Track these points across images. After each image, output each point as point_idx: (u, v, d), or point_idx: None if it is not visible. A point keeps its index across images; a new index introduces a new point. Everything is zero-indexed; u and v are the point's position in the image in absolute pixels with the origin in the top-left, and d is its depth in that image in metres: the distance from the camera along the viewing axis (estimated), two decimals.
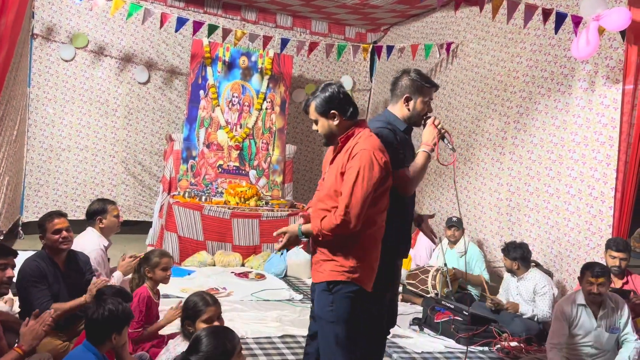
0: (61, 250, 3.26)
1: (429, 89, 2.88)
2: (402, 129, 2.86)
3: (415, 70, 2.91)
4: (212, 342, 2.08)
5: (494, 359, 4.03)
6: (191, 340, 2.17)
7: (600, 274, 3.46)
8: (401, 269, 3.03)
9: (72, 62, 7.22)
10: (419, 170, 2.74)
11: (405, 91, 2.86)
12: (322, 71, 8.60)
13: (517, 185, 5.61)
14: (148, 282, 3.38)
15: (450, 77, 6.80)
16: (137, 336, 3.20)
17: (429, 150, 2.78)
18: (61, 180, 7.32)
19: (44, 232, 3.23)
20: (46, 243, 3.24)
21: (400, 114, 2.89)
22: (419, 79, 2.85)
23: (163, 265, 3.40)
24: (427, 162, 2.78)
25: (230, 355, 2.09)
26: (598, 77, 4.76)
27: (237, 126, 7.29)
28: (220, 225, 6.41)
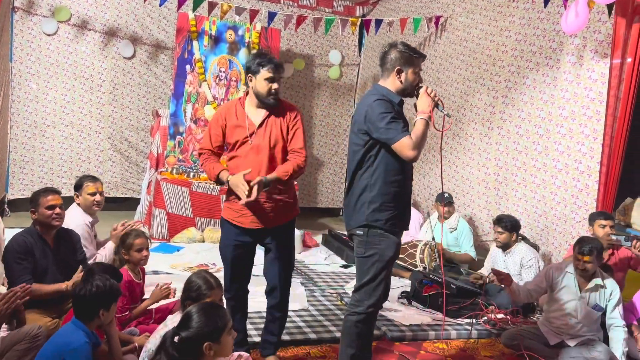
0: (52, 227, 3.24)
1: (418, 59, 2.91)
2: (397, 101, 2.87)
3: (402, 42, 2.92)
4: (202, 319, 2.10)
5: (481, 331, 4.09)
6: (182, 316, 2.18)
7: (587, 252, 3.50)
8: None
9: (54, 37, 7.08)
10: (421, 136, 2.75)
11: (395, 64, 2.86)
12: (311, 45, 8.51)
13: (504, 159, 5.64)
14: (127, 265, 3.36)
15: (439, 52, 6.77)
16: (125, 319, 3.20)
17: (427, 117, 2.80)
18: (46, 157, 7.23)
19: (37, 207, 3.19)
20: (37, 218, 3.21)
21: (393, 87, 2.89)
22: (407, 51, 2.87)
23: (137, 247, 3.36)
24: (427, 129, 2.79)
25: (220, 331, 2.11)
26: (586, 51, 4.75)
27: (224, 101, 7.21)
28: (208, 201, 6.39)
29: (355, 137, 2.88)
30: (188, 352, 2.07)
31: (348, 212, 2.94)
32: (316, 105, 8.71)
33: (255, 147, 3.03)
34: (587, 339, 3.61)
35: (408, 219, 2.99)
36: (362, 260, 2.86)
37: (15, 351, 2.54)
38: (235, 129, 3.06)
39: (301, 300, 4.48)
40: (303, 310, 4.26)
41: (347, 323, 2.89)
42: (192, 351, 2.07)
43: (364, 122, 2.81)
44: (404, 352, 3.62)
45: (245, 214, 3.04)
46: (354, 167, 2.88)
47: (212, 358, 2.08)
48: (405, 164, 2.85)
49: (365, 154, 2.82)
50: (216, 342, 2.08)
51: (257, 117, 3.08)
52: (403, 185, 2.87)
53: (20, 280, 3.02)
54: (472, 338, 4.01)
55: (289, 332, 3.73)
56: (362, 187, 2.83)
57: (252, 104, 3.11)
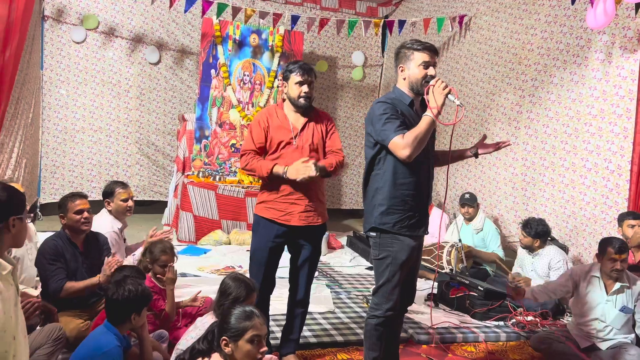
0: (81, 231, 3.31)
1: (421, 52, 2.77)
2: (407, 102, 2.81)
3: (410, 39, 2.88)
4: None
5: (510, 333, 4.04)
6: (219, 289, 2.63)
7: (624, 249, 3.42)
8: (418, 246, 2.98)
9: (83, 44, 7.23)
10: (418, 135, 2.63)
11: (397, 63, 2.86)
12: (334, 47, 8.52)
13: (532, 159, 5.56)
14: (151, 273, 3.40)
15: (464, 51, 6.71)
16: (167, 318, 3.27)
17: (433, 114, 2.64)
18: (76, 161, 7.39)
19: (65, 212, 3.27)
20: (66, 223, 3.29)
21: (404, 87, 2.85)
22: (404, 45, 2.83)
23: (162, 263, 3.39)
24: (430, 127, 2.65)
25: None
26: (615, 48, 4.66)
27: (249, 105, 7.27)
28: (234, 204, 6.46)
29: (366, 140, 2.90)
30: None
31: (365, 214, 2.95)
32: (339, 106, 8.71)
33: (299, 148, 3.14)
34: (619, 342, 3.53)
35: (423, 222, 2.92)
36: (376, 263, 2.86)
37: (39, 356, 2.58)
38: (278, 129, 3.16)
39: (327, 302, 4.48)
40: (329, 312, 4.26)
41: (367, 327, 2.89)
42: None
43: (367, 125, 2.83)
44: (431, 355, 3.60)
45: (292, 212, 3.11)
46: (367, 169, 2.88)
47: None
48: (418, 165, 2.78)
49: (375, 156, 2.81)
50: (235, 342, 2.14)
51: (298, 122, 3.20)
52: (414, 188, 2.80)
53: (55, 279, 3.10)
54: (500, 341, 3.96)
55: (316, 335, 3.74)
56: (374, 190, 2.82)
57: (290, 109, 3.23)
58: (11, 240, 1.83)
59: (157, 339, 3.07)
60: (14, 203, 1.83)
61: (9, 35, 4.88)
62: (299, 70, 3.12)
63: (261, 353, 2.18)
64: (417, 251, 2.93)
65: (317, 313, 4.19)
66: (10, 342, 1.76)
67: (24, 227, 1.88)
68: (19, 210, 1.84)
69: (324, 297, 4.63)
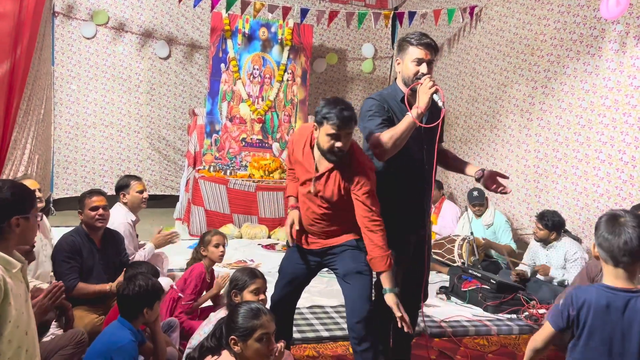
0: (97, 228, 3.34)
1: (412, 47, 2.65)
2: (399, 98, 2.72)
3: (412, 32, 2.80)
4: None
5: (522, 326, 4.03)
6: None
7: None
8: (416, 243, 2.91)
9: (93, 40, 7.25)
10: (394, 135, 2.53)
11: (396, 55, 2.81)
12: (343, 40, 8.48)
13: (544, 151, 5.51)
14: (205, 261, 3.52)
15: (475, 42, 6.64)
16: (189, 308, 3.34)
17: (415, 114, 2.50)
18: (88, 157, 7.44)
19: (82, 208, 3.31)
20: (83, 219, 3.32)
21: (400, 81, 2.77)
22: (404, 37, 2.72)
23: (215, 242, 3.54)
24: (409, 127, 2.52)
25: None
26: (629, 38, 4.59)
27: (259, 99, 7.27)
28: (245, 198, 6.47)
29: None
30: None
31: None
32: (349, 99, 8.68)
33: (312, 195, 2.77)
34: None
35: (417, 221, 2.87)
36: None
37: (61, 356, 2.62)
38: (299, 165, 2.83)
39: (339, 296, 4.47)
40: (341, 306, 4.26)
41: None
42: None
43: (358, 122, 2.75)
44: (444, 349, 3.59)
45: None
46: None
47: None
48: (408, 162, 2.73)
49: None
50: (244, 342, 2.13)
51: (321, 165, 2.73)
52: (405, 185, 2.78)
53: (67, 278, 3.12)
54: (513, 334, 3.95)
55: (328, 329, 3.75)
56: None
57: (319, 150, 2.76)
58: (17, 238, 1.83)
59: (166, 328, 3.08)
60: (18, 202, 1.82)
61: (20, 32, 4.91)
62: (335, 120, 2.51)
63: (271, 351, 2.17)
64: (416, 247, 2.90)
65: (329, 307, 4.20)
66: (23, 338, 1.79)
67: (30, 226, 1.88)
68: (24, 209, 1.84)
69: (336, 290, 4.60)
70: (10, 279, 1.74)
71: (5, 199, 1.79)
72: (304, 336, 3.58)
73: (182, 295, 3.32)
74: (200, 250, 3.57)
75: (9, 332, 1.72)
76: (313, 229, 2.85)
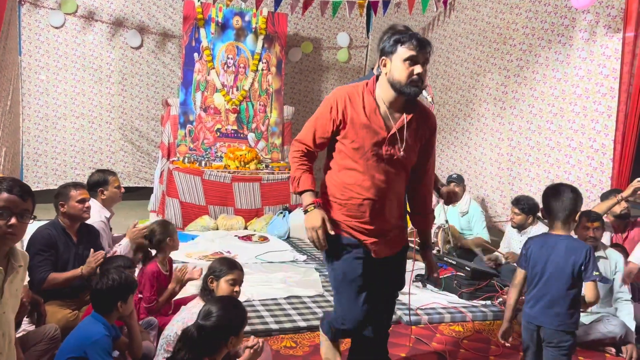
0: (82, 219, 3.28)
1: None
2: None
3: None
4: (224, 315, 2.18)
5: (497, 312, 4.09)
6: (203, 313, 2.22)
7: (596, 217, 3.53)
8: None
9: (62, 29, 7.08)
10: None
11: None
12: (318, 28, 8.44)
13: (517, 139, 5.58)
14: (159, 256, 3.40)
15: (449, 31, 6.68)
16: (154, 309, 3.25)
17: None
18: (59, 149, 7.29)
19: (67, 200, 3.22)
20: (67, 212, 3.23)
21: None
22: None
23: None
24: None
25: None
26: (599, 27, 4.66)
27: (233, 89, 7.20)
28: (221, 189, 6.42)
29: None
30: (206, 346, 2.12)
31: None
32: (325, 89, 8.66)
33: (392, 161, 2.34)
34: (600, 316, 3.60)
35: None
36: None
37: (35, 352, 2.59)
38: (361, 129, 2.30)
39: (316, 286, 4.50)
40: (319, 296, 4.28)
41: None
42: (211, 345, 2.13)
43: None
44: (420, 336, 3.63)
45: None
46: None
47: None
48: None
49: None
50: (236, 337, 2.13)
51: (395, 118, 2.33)
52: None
53: (39, 270, 3.05)
54: (487, 320, 4.01)
55: (305, 319, 3.75)
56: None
57: (385, 97, 2.34)
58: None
59: (146, 327, 3.05)
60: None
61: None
62: (412, 39, 2.21)
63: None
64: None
65: (306, 297, 4.20)
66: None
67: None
68: None
69: (313, 280, 4.65)
70: None
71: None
72: (282, 327, 3.58)
73: (142, 297, 3.25)
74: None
75: None
76: (381, 223, 2.40)
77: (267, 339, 3.37)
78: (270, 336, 3.45)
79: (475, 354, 3.42)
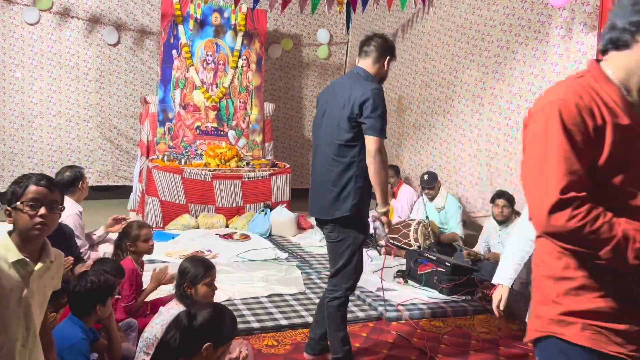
0: None
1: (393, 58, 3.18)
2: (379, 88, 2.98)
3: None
4: (218, 320, 2.12)
5: (476, 307, 4.14)
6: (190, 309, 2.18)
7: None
8: None
9: (37, 25, 6.96)
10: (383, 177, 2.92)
11: (385, 54, 3.08)
12: (298, 25, 8.41)
13: (496, 135, 5.64)
14: (132, 255, 3.34)
15: (427, 28, 6.70)
16: (132, 308, 3.21)
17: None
18: (36, 147, 7.17)
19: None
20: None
21: (373, 71, 3.03)
22: (391, 46, 3.15)
23: (144, 237, 3.35)
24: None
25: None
26: (575, 24, 4.72)
27: (212, 86, 7.15)
28: (202, 187, 6.38)
29: (344, 122, 2.84)
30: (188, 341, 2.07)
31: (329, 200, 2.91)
32: (305, 85, 8.64)
33: None
34: None
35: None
36: (336, 245, 2.94)
37: None
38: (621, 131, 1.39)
39: (298, 284, 4.50)
40: (300, 293, 4.28)
41: (330, 309, 2.95)
42: (191, 343, 2.07)
43: (358, 107, 2.78)
44: (401, 332, 3.66)
45: None
46: (336, 152, 2.88)
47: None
48: None
49: (351, 140, 2.83)
50: (215, 349, 2.06)
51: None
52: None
53: None
54: (467, 314, 4.05)
55: (287, 317, 3.75)
56: (348, 178, 2.87)
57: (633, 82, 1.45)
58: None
59: (126, 328, 3.02)
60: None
61: None
62: None
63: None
64: None
65: (287, 295, 4.20)
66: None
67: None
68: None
69: (295, 278, 4.65)
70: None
71: None
72: (263, 325, 3.58)
73: (120, 297, 3.21)
74: (127, 245, 3.34)
75: None
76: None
77: (249, 337, 3.36)
78: (251, 335, 3.44)
79: (455, 349, 3.45)
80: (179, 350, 2.05)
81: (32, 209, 1.75)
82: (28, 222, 1.74)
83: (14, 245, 1.72)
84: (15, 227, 1.76)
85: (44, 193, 1.79)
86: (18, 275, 1.71)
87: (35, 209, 1.75)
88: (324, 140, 2.96)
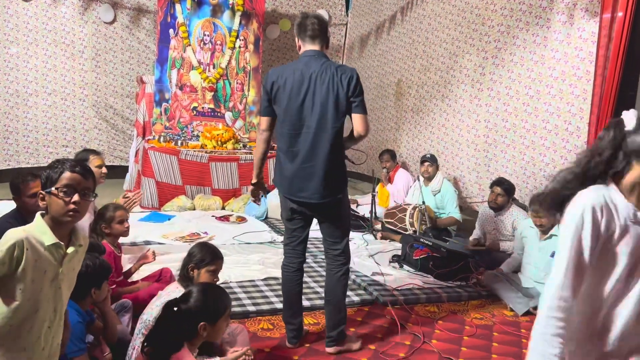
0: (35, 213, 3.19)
1: None
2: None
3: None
4: (203, 298, 2.19)
5: (471, 292, 4.16)
6: (184, 292, 2.26)
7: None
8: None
9: (31, 2, 6.86)
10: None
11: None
12: (297, 5, 8.31)
13: (494, 121, 5.62)
14: (107, 238, 3.30)
15: (427, 11, 6.63)
16: (115, 293, 3.19)
17: None
18: (31, 126, 7.11)
19: (19, 194, 3.13)
20: (21, 206, 3.16)
21: None
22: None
23: (118, 219, 3.31)
24: None
25: (219, 315, 2.21)
26: (577, 10, 4.68)
27: (210, 66, 7.08)
28: (198, 169, 6.35)
29: (339, 104, 2.81)
30: (184, 327, 2.12)
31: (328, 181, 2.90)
32: None
33: None
34: None
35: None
36: (344, 219, 3.08)
37: None
38: None
39: None
40: None
41: (343, 281, 3.08)
42: (187, 327, 2.12)
43: (353, 90, 2.80)
44: (396, 316, 3.67)
45: None
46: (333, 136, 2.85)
47: (204, 339, 2.12)
48: None
49: (341, 126, 2.86)
50: (212, 325, 2.11)
51: None
52: None
53: None
54: (462, 300, 4.07)
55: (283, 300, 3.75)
56: (340, 162, 2.96)
57: None
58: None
59: (119, 309, 3.01)
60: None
61: None
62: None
63: None
64: None
65: None
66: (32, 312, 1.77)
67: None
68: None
69: None
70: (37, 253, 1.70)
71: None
72: (259, 309, 3.58)
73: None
74: (102, 227, 3.30)
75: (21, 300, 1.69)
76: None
77: (245, 321, 3.37)
78: (247, 318, 3.46)
79: (449, 335, 3.47)
80: (179, 336, 2.10)
81: (66, 195, 1.76)
82: (62, 208, 1.75)
83: (49, 229, 1.74)
84: (49, 211, 1.77)
85: (78, 180, 1.79)
86: (52, 258, 1.75)
87: (69, 195, 1.76)
88: (317, 125, 2.83)
